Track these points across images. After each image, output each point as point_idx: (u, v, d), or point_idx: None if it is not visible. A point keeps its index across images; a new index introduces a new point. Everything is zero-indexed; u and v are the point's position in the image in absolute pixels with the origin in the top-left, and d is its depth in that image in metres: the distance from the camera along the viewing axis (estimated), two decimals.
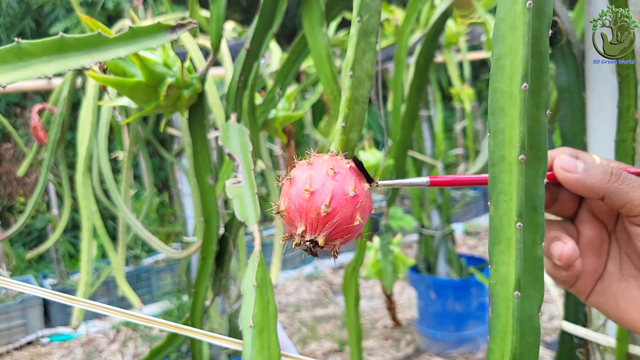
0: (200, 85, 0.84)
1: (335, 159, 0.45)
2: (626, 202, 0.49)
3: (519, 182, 0.37)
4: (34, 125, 2.37)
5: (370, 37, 0.45)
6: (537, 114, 0.38)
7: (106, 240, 2.07)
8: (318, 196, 0.42)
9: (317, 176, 0.43)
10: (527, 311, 0.38)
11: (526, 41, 0.35)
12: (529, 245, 0.38)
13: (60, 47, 0.68)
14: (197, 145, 0.87)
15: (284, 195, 0.44)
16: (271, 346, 0.54)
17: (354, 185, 0.43)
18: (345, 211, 0.42)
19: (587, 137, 0.76)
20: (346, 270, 1.06)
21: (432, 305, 3.07)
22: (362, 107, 0.47)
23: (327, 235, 0.42)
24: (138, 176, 5.09)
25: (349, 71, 0.45)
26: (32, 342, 3.65)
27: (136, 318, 0.69)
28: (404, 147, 1.22)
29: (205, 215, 0.91)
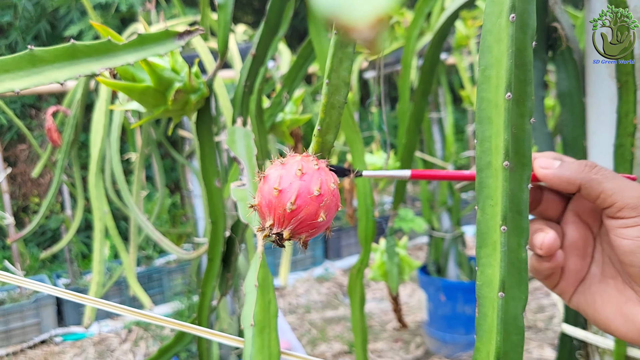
0: (207, 90, 0.86)
1: (307, 159, 0.49)
2: (600, 192, 0.50)
3: (503, 188, 0.38)
4: (48, 127, 2.40)
5: (347, 48, 0.47)
6: (521, 122, 0.39)
7: (118, 241, 2.10)
8: (285, 194, 0.46)
9: (286, 176, 0.47)
10: (511, 311, 0.39)
11: (510, 53, 0.37)
12: (513, 248, 0.40)
13: (72, 53, 0.71)
14: (204, 149, 0.89)
15: (258, 191, 0.48)
16: (271, 344, 0.55)
17: (319, 186, 0.46)
18: (309, 208, 0.46)
19: (587, 142, 0.77)
20: (351, 271, 1.07)
21: (442, 308, 3.07)
22: (337, 112, 0.50)
23: (292, 230, 0.46)
24: (150, 177, 5.14)
25: (326, 79, 0.49)
26: (45, 341, 3.70)
27: (143, 316, 0.71)
28: (410, 150, 1.23)
29: (212, 217, 0.93)
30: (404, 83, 1.49)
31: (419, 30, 1.41)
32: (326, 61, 0.46)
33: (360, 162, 1.03)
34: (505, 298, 0.38)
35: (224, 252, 0.94)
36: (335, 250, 4.92)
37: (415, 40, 1.44)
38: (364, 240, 1.05)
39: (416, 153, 2.89)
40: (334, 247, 4.92)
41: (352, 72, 0.48)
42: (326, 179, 0.48)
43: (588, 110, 0.77)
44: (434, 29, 1.19)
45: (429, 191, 3.08)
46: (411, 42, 1.45)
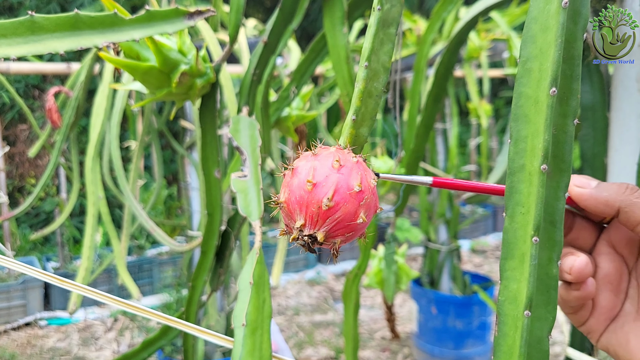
0: (214, 75, 0.82)
1: (342, 151, 0.43)
2: None
3: (538, 194, 0.34)
4: (49, 107, 2.37)
5: (389, 28, 0.42)
6: (563, 122, 0.35)
7: (110, 228, 2.06)
8: (321, 189, 0.39)
9: (321, 168, 0.40)
10: (536, 333, 0.35)
11: (558, 44, 0.33)
12: (544, 263, 0.36)
13: (74, 24, 0.67)
14: (206, 137, 0.85)
15: (285, 186, 0.42)
16: (263, 347, 0.51)
17: (359, 180, 0.40)
18: (348, 207, 0.39)
19: (607, 159, 0.73)
20: (348, 277, 1.03)
21: (433, 321, 3.03)
22: (375, 101, 0.44)
23: (328, 231, 0.40)
24: (149, 167, 5.10)
25: (365, 62, 0.43)
26: (30, 324, 3.65)
27: (130, 307, 0.67)
28: (417, 156, 1.19)
29: (209, 208, 0.89)
30: (415, 88, 1.46)
31: (434, 35, 1.38)
32: (364, 42, 0.41)
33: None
34: (531, 317, 0.34)
35: (218, 246, 0.90)
36: (328, 254, 4.85)
37: (429, 45, 1.41)
38: (364, 245, 1.01)
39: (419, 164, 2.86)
40: (327, 251, 4.85)
41: (392, 58, 0.43)
42: (366, 174, 0.41)
43: (611, 126, 0.73)
44: (452, 34, 1.16)
45: (428, 202, 3.05)
46: (425, 47, 1.42)
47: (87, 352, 3.31)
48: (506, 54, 2.89)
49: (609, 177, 0.73)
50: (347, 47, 0.92)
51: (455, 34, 1.13)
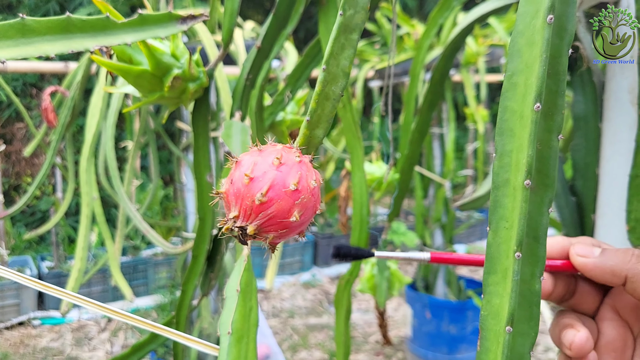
0: (207, 80, 0.82)
1: (288, 150, 0.44)
2: None
3: (522, 209, 0.34)
4: (45, 106, 2.36)
5: (352, 34, 0.43)
6: (548, 138, 0.35)
7: (105, 228, 2.05)
8: (257, 183, 0.40)
9: (261, 163, 0.41)
10: (518, 349, 0.35)
11: (543, 59, 0.33)
12: (526, 278, 0.35)
13: (66, 27, 0.67)
14: (198, 141, 0.85)
15: (228, 177, 0.43)
16: (248, 356, 0.51)
17: (297, 180, 0.41)
18: (282, 204, 0.40)
19: (599, 169, 0.73)
20: (339, 282, 1.03)
21: (427, 325, 3.03)
22: (332, 105, 0.45)
23: (259, 226, 0.40)
24: (146, 167, 5.09)
25: (323, 65, 0.44)
26: (23, 323, 3.64)
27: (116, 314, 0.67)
28: (411, 162, 1.19)
29: (201, 213, 0.88)
30: (410, 94, 1.45)
31: (430, 40, 1.38)
32: (326, 46, 0.41)
33: (359, 169, 0.99)
34: (512, 333, 0.34)
35: (210, 251, 0.90)
36: (324, 257, 4.88)
37: (426, 50, 1.41)
38: None
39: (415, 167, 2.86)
40: (323, 254, 4.87)
41: (352, 63, 0.43)
42: (307, 174, 0.42)
43: (603, 136, 0.73)
44: (448, 40, 1.16)
45: (424, 206, 3.05)
46: (422, 52, 1.42)
47: (80, 353, 3.30)
48: (503, 60, 2.89)
49: (601, 188, 0.73)
50: None
51: (451, 39, 1.13)
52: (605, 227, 0.71)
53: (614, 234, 0.69)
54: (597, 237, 0.73)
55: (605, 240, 0.72)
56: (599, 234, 0.72)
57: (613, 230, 0.70)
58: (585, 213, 0.75)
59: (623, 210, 0.67)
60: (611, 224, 0.70)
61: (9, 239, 4.15)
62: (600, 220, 0.73)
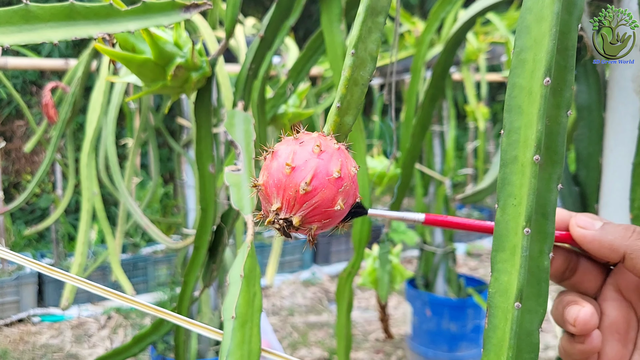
0: (210, 69, 0.82)
1: (325, 138, 0.43)
2: None
3: (530, 185, 0.34)
4: (46, 102, 2.35)
5: (378, 17, 0.42)
6: (557, 114, 0.35)
7: (105, 224, 2.05)
8: (299, 172, 0.39)
9: (301, 152, 0.40)
10: (526, 326, 0.35)
11: (553, 33, 0.33)
12: (535, 255, 0.35)
13: (69, 14, 0.66)
14: (200, 131, 0.85)
15: (264, 169, 0.41)
16: (252, 340, 0.51)
17: (339, 167, 0.40)
18: (326, 192, 0.39)
19: (603, 159, 0.73)
20: (341, 275, 1.03)
21: (427, 323, 3.02)
22: (360, 90, 0.44)
23: (304, 216, 0.39)
24: (146, 165, 5.09)
25: (352, 49, 0.43)
26: (23, 320, 3.64)
27: (120, 298, 0.67)
28: (413, 156, 1.19)
29: (203, 203, 0.88)
30: (412, 89, 1.45)
31: (431, 35, 1.38)
32: (352, 30, 0.41)
33: (361, 161, 0.99)
34: (521, 310, 0.34)
35: (211, 242, 0.90)
36: (324, 255, 4.87)
37: (427, 45, 1.41)
38: (358, 243, 1.01)
39: (415, 165, 2.86)
40: (323, 252, 4.87)
41: (379, 47, 0.42)
42: (346, 161, 0.41)
43: (607, 126, 0.73)
44: (449, 34, 1.15)
45: (424, 204, 3.04)
46: (423, 47, 1.41)
47: (80, 350, 3.30)
48: (504, 58, 2.90)
49: (604, 178, 0.73)
50: (345, 44, 0.92)
51: (452, 34, 1.13)
52: (609, 217, 0.71)
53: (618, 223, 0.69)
54: None
55: None
56: None
57: (616, 219, 0.69)
58: (589, 203, 0.75)
59: (626, 199, 0.67)
60: (614, 213, 0.70)
61: (9, 236, 4.15)
62: (603, 210, 0.72)
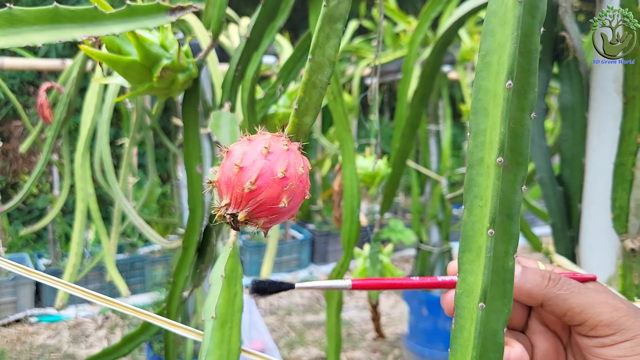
0: (196, 71, 0.82)
1: (277, 139, 0.46)
2: (566, 310, 0.44)
3: (495, 187, 0.34)
4: (41, 103, 2.36)
5: (336, 24, 0.44)
6: (521, 116, 0.36)
7: (100, 224, 2.06)
8: (246, 172, 0.42)
9: (250, 153, 0.43)
10: (492, 325, 0.35)
11: (514, 37, 0.33)
12: (500, 256, 0.36)
13: (54, 17, 0.67)
14: (188, 132, 0.85)
15: (220, 167, 0.45)
16: (232, 340, 0.51)
17: (285, 167, 0.43)
18: (270, 191, 0.42)
19: (585, 159, 0.74)
20: (330, 275, 1.03)
21: (424, 322, 3.03)
22: (319, 93, 0.47)
23: (250, 212, 0.43)
24: (144, 166, 5.09)
25: (309, 55, 0.45)
26: (20, 320, 3.64)
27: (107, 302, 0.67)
28: (403, 156, 1.19)
29: (191, 204, 0.89)
30: (403, 88, 1.46)
31: (423, 34, 1.38)
32: (313, 36, 0.42)
33: (350, 161, 0.99)
34: (485, 310, 0.34)
35: (200, 242, 0.90)
36: (321, 254, 4.88)
37: (418, 44, 1.41)
38: (347, 242, 1.01)
39: (411, 164, 2.86)
40: (320, 252, 4.88)
41: (338, 51, 0.44)
42: (294, 162, 0.44)
43: (590, 126, 0.73)
44: (439, 34, 1.16)
45: (420, 203, 3.05)
46: (414, 47, 1.42)
47: (77, 350, 3.30)
48: None
49: (587, 177, 0.74)
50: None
51: (442, 33, 1.13)
52: (591, 216, 0.72)
53: (600, 222, 0.70)
54: (584, 225, 0.73)
55: (591, 228, 0.72)
56: (585, 223, 0.73)
57: (599, 219, 0.70)
58: (572, 203, 0.76)
59: (608, 198, 0.67)
60: (597, 212, 0.71)
61: (6, 237, 4.15)
62: (586, 209, 0.73)
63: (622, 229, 0.65)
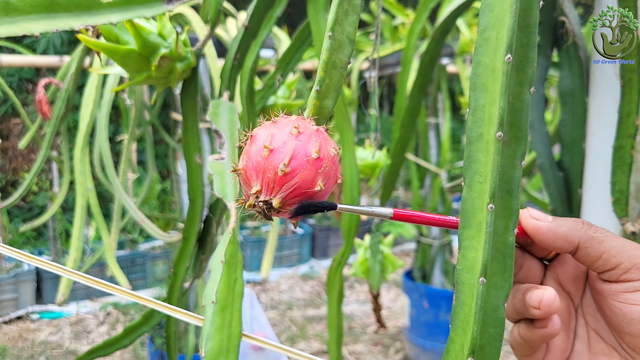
0: (195, 60, 0.82)
1: (303, 120, 0.43)
2: (602, 252, 0.44)
3: (494, 162, 0.34)
4: (39, 99, 2.35)
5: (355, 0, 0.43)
6: (520, 91, 0.35)
7: (100, 219, 2.06)
8: (277, 154, 0.39)
9: (279, 134, 0.40)
10: (492, 301, 0.35)
11: (513, 10, 0.33)
12: (500, 231, 0.36)
13: (50, 6, 0.67)
14: (187, 122, 0.85)
15: (244, 153, 0.42)
16: (232, 325, 0.51)
17: (318, 148, 0.40)
18: (305, 173, 0.39)
19: (586, 144, 0.73)
20: (331, 265, 1.03)
21: (425, 315, 3.03)
22: (339, 73, 0.44)
23: (284, 198, 0.39)
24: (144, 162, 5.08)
25: (329, 32, 0.43)
26: (21, 317, 3.64)
27: (109, 288, 0.67)
28: (403, 146, 1.19)
29: (191, 194, 0.89)
30: (402, 80, 1.45)
31: (421, 25, 1.38)
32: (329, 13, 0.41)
33: (349, 151, 0.99)
34: (486, 285, 0.34)
35: (200, 232, 0.90)
36: (322, 249, 4.88)
37: (417, 35, 1.41)
38: (347, 233, 1.01)
39: (411, 157, 2.86)
40: (321, 246, 4.88)
41: (357, 29, 0.42)
42: (325, 142, 0.41)
43: (589, 111, 0.73)
44: (437, 23, 1.16)
45: (420, 196, 3.05)
46: (413, 37, 1.41)
47: (78, 346, 3.31)
48: None
49: (587, 162, 0.74)
50: None
51: (440, 22, 1.13)
52: (592, 201, 0.72)
53: (600, 207, 0.70)
54: (584, 210, 0.73)
55: (591, 213, 0.72)
56: (585, 208, 0.73)
57: (599, 203, 0.70)
58: (573, 188, 0.76)
59: (609, 183, 0.67)
60: (597, 197, 0.71)
61: (6, 234, 4.15)
62: (586, 194, 0.73)
63: (622, 213, 0.65)
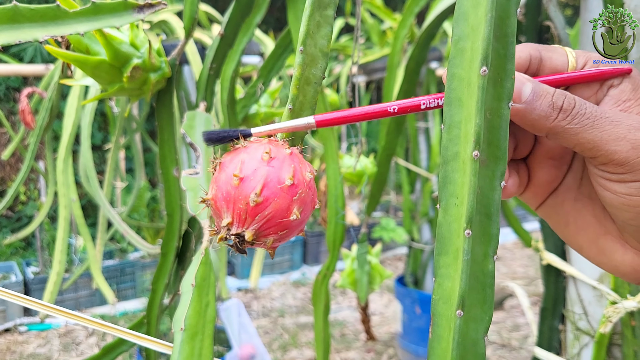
0: (169, 70, 0.79)
1: (276, 143, 0.39)
2: (574, 145, 0.40)
3: (471, 184, 0.31)
4: (22, 108, 2.32)
5: (326, 10, 0.40)
6: (498, 105, 0.33)
7: (85, 231, 2.02)
8: (248, 183, 0.36)
9: (249, 161, 0.37)
10: (471, 335, 0.32)
11: (488, 19, 0.31)
12: (478, 259, 0.33)
13: (13, 17, 0.64)
14: (163, 134, 0.82)
15: (213, 182, 0.38)
16: (203, 353, 0.48)
17: (292, 173, 0.37)
18: (279, 202, 0.36)
19: None
20: (316, 278, 1.00)
21: (417, 320, 3.01)
22: (314, 89, 0.41)
23: (257, 230, 0.36)
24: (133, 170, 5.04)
25: (300, 46, 0.40)
26: (9, 330, 3.59)
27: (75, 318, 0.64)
28: (388, 153, 1.17)
29: (168, 209, 0.86)
30: (388, 85, 1.43)
31: (407, 30, 1.36)
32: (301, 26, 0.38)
33: (333, 161, 0.97)
34: (464, 318, 0.32)
35: (179, 248, 0.87)
36: (313, 255, 4.85)
37: (402, 40, 1.38)
38: (332, 244, 0.98)
39: (401, 162, 2.84)
40: (312, 252, 4.85)
41: (330, 42, 0.40)
42: (300, 166, 0.38)
43: None
44: (422, 28, 1.13)
45: (411, 201, 3.03)
46: (398, 42, 1.39)
47: (67, 358, 3.26)
48: None
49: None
50: None
51: (425, 28, 1.11)
52: None
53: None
54: None
55: None
56: None
57: None
58: None
59: None
60: None
61: None
62: None
63: None
